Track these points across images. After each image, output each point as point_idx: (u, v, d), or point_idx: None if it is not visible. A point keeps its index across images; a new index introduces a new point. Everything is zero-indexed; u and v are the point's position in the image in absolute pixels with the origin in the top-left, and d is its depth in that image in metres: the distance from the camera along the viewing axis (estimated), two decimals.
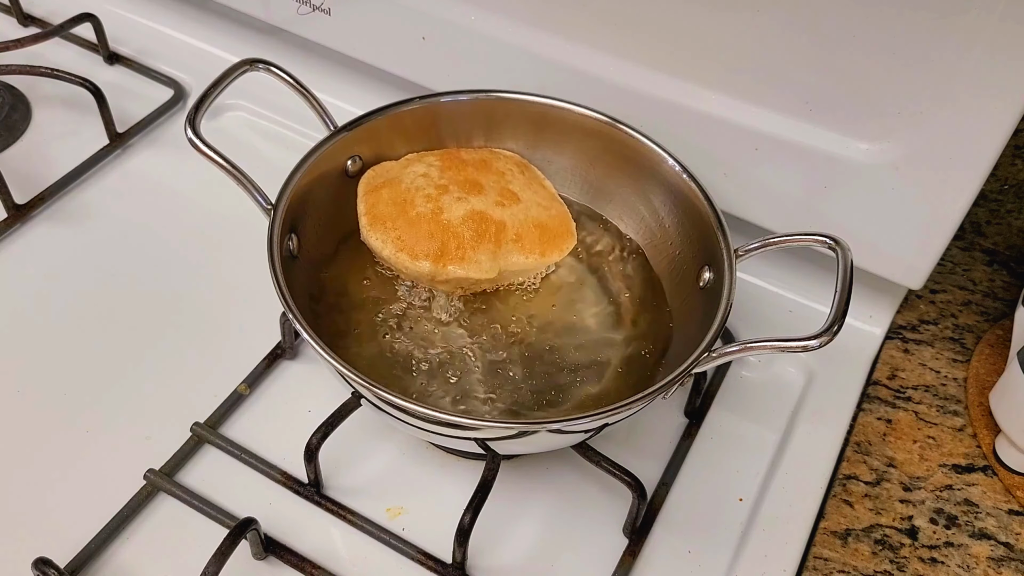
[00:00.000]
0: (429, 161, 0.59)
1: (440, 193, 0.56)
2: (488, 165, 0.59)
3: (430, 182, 0.57)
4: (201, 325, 0.61)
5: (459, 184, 0.57)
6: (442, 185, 0.56)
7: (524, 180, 0.59)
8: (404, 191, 0.56)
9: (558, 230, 0.58)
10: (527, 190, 0.58)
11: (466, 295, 0.58)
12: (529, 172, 0.61)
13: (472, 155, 0.60)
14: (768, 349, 0.47)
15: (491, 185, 0.57)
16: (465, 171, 0.58)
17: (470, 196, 0.56)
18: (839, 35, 0.51)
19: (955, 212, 0.54)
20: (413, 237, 0.54)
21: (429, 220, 0.55)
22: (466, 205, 0.55)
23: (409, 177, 0.57)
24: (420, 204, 0.55)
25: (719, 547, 0.53)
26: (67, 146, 0.71)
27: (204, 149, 0.51)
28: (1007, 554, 0.53)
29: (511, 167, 0.60)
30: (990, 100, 0.49)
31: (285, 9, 0.71)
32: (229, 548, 0.46)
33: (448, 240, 0.54)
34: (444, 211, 0.55)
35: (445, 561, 0.50)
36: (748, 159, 0.59)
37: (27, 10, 0.82)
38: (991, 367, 0.62)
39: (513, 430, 0.46)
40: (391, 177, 0.58)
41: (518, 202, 0.57)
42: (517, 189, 0.58)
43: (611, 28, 0.59)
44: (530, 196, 0.58)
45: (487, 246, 0.55)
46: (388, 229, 0.55)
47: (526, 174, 0.60)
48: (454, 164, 0.58)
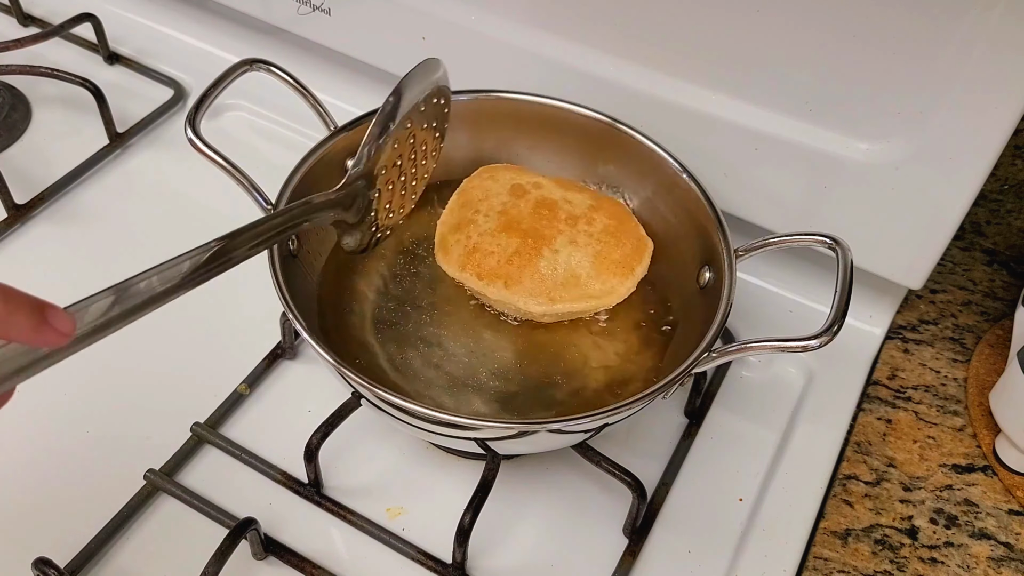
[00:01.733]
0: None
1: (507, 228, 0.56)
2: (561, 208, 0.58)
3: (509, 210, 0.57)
4: (201, 325, 0.61)
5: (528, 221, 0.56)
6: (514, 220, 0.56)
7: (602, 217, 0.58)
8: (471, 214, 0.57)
9: (618, 270, 0.56)
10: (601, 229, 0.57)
11: (476, 300, 0.58)
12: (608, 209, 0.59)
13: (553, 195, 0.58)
14: (768, 349, 0.47)
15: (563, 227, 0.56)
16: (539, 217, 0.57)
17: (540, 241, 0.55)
18: (839, 35, 0.51)
19: (955, 212, 0.54)
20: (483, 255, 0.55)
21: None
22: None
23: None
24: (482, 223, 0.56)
25: (719, 547, 0.53)
26: (67, 146, 0.71)
27: (204, 149, 0.51)
28: (1007, 554, 0.53)
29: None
30: (990, 100, 0.49)
31: (285, 9, 0.71)
32: (229, 548, 0.46)
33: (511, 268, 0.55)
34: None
35: (445, 561, 0.50)
36: (748, 159, 0.59)
37: (27, 10, 0.82)
38: (991, 367, 0.62)
39: (513, 430, 0.46)
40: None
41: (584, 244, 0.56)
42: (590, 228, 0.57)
43: (611, 28, 0.59)
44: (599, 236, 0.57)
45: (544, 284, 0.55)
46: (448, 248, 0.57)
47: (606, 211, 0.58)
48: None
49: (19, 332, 0.33)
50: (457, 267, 0.56)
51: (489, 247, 0.55)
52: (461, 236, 0.56)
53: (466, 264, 0.55)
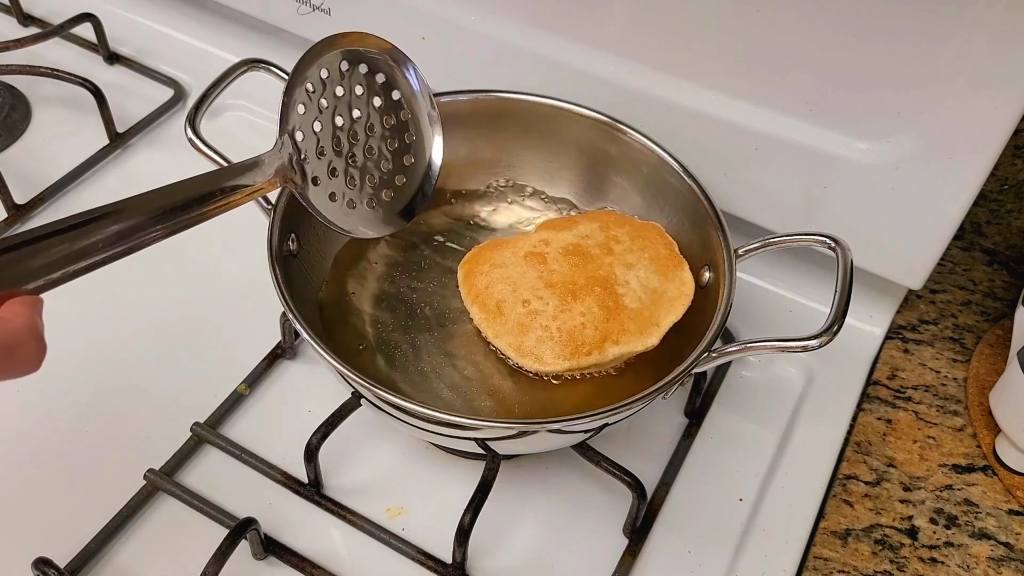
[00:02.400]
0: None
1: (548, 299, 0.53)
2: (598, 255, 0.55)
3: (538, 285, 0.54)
4: (201, 325, 0.61)
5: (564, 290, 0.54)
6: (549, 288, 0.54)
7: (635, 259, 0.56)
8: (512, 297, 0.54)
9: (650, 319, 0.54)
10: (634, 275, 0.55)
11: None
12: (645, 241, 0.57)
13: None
14: (768, 349, 0.47)
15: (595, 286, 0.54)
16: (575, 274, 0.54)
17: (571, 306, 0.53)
18: (839, 35, 0.51)
19: (955, 212, 0.54)
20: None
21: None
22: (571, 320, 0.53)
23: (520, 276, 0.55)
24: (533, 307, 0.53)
25: (719, 547, 0.53)
26: (67, 146, 0.71)
27: (204, 149, 0.51)
28: (1007, 554, 0.53)
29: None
30: (990, 100, 0.49)
31: (285, 9, 0.71)
32: (229, 548, 0.46)
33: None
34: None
35: (445, 561, 0.50)
36: (748, 159, 0.59)
37: (27, 10, 0.82)
38: (991, 367, 0.62)
39: (513, 430, 0.46)
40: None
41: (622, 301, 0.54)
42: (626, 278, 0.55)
43: (611, 28, 0.59)
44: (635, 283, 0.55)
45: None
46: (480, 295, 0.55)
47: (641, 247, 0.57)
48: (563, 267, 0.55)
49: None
50: (564, 360, 0.52)
51: (575, 322, 0.52)
52: (539, 333, 0.52)
53: (571, 353, 0.52)
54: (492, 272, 0.55)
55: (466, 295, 0.56)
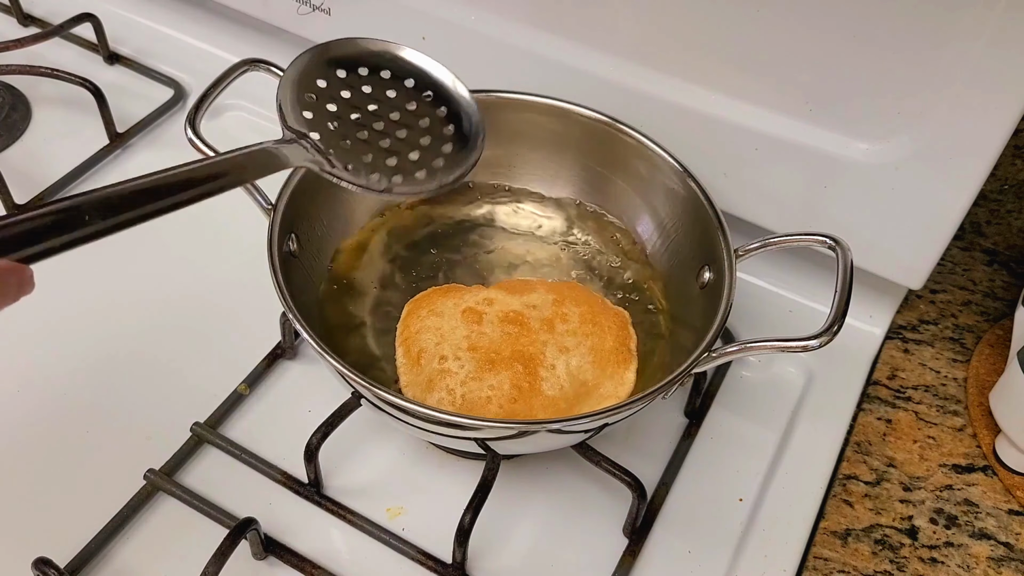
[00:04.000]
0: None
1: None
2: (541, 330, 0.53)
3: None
4: (201, 325, 0.61)
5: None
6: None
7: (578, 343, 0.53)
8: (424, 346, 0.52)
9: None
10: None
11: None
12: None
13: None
14: (768, 349, 0.47)
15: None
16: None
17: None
18: (839, 35, 0.51)
19: (955, 212, 0.54)
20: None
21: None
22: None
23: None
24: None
25: (719, 547, 0.53)
26: (67, 146, 0.71)
27: (204, 149, 0.51)
28: (1007, 554, 0.53)
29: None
30: (990, 100, 0.49)
31: (285, 9, 0.71)
32: (229, 548, 0.46)
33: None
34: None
35: (445, 561, 0.50)
36: (748, 159, 0.59)
37: (27, 10, 0.82)
38: (991, 367, 0.62)
39: (513, 430, 0.46)
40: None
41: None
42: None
43: (611, 28, 0.59)
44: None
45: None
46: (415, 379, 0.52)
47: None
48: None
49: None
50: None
51: (480, 394, 0.49)
52: (442, 394, 0.50)
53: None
54: (427, 319, 0.53)
55: (398, 335, 0.55)
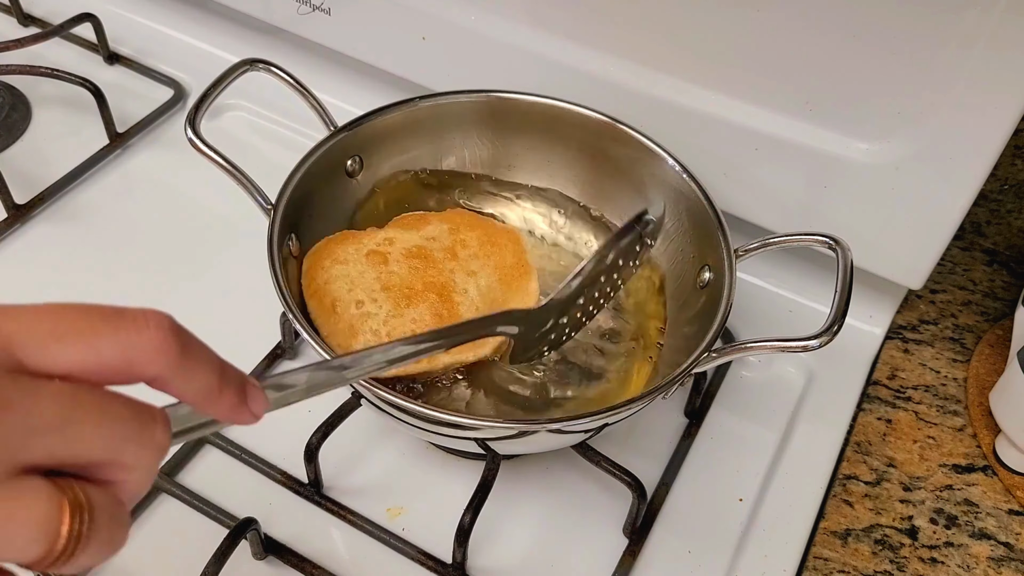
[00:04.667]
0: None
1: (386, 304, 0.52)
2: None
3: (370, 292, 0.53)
4: (201, 325, 0.60)
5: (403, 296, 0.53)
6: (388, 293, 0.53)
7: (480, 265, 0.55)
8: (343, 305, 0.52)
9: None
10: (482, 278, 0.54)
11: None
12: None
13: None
14: (768, 349, 0.47)
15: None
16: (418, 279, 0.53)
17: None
18: (839, 35, 0.51)
19: (955, 212, 0.54)
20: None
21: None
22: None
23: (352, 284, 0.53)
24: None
25: (719, 547, 0.53)
26: (67, 146, 0.71)
27: (204, 149, 0.51)
28: (1007, 554, 0.53)
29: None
30: (990, 100, 0.49)
31: (285, 9, 0.71)
32: (229, 548, 0.46)
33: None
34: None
35: (445, 561, 0.50)
36: (748, 159, 0.59)
37: (27, 10, 0.82)
38: (991, 367, 0.62)
39: (513, 430, 0.46)
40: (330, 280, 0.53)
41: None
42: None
43: (611, 28, 0.59)
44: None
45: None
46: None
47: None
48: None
49: (219, 409, 0.32)
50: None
51: (404, 328, 0.51)
52: (367, 337, 0.51)
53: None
54: (332, 268, 0.54)
55: (305, 288, 0.54)
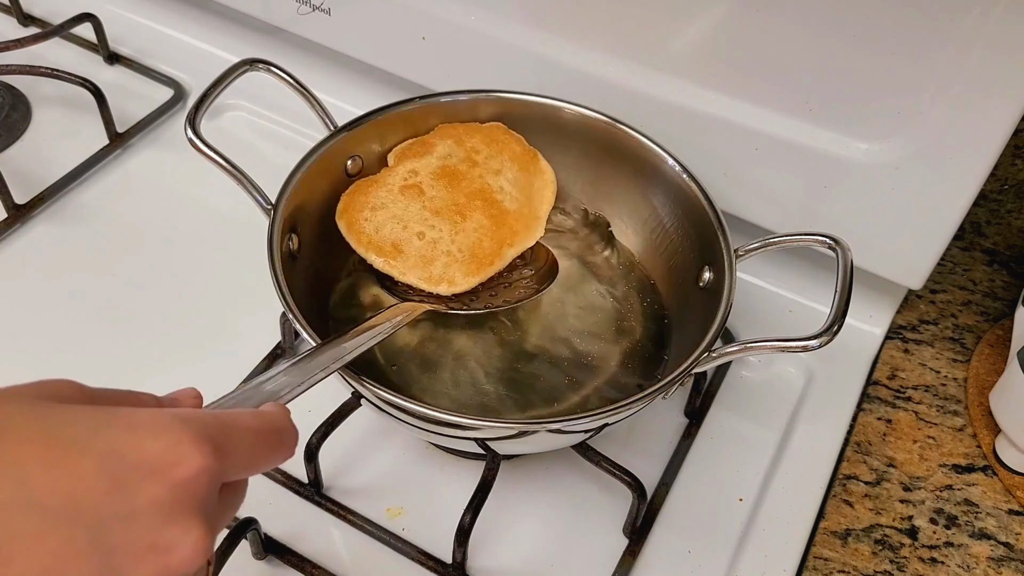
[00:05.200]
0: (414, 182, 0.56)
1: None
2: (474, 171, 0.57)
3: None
4: (201, 325, 0.61)
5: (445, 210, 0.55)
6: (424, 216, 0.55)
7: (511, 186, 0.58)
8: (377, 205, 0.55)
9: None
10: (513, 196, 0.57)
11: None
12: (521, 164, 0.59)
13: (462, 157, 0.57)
14: (768, 349, 0.47)
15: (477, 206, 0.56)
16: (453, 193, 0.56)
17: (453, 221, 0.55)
18: (839, 35, 0.51)
19: (955, 212, 0.54)
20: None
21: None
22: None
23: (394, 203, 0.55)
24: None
25: (719, 547, 0.53)
26: (67, 146, 0.71)
27: (204, 149, 0.51)
28: (1007, 554, 0.53)
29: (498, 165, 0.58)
30: (990, 100, 0.49)
31: (285, 9, 0.71)
32: (229, 548, 0.46)
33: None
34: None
35: (445, 561, 0.50)
36: (748, 159, 0.59)
37: (27, 10, 0.82)
38: (991, 367, 0.62)
39: (513, 430, 0.46)
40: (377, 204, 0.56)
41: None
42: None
43: (611, 28, 0.59)
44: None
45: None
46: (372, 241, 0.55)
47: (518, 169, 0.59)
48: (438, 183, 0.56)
49: (256, 462, 0.32)
50: (473, 276, 0.54)
51: (471, 238, 0.54)
52: (444, 259, 0.54)
53: (476, 268, 0.54)
54: (375, 215, 0.55)
55: (357, 244, 0.55)
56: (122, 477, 0.26)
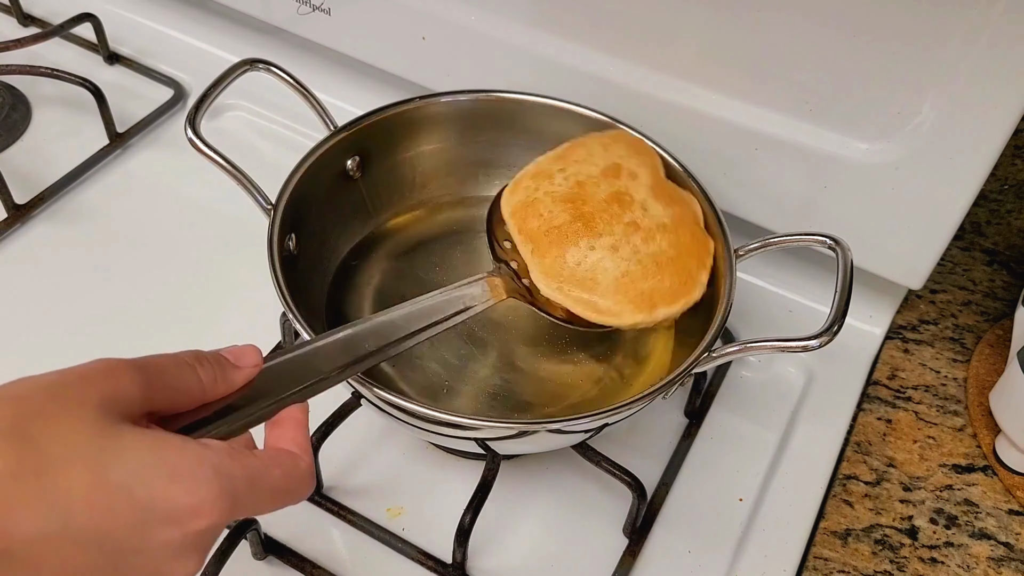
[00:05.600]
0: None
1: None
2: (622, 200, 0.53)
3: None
4: (201, 325, 0.61)
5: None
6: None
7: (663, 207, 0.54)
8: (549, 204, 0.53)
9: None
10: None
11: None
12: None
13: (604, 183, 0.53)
14: (768, 349, 0.47)
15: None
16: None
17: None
18: (839, 34, 0.51)
19: (955, 212, 0.54)
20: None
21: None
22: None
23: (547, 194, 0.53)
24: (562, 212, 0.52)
25: (719, 547, 0.53)
26: (67, 146, 0.71)
27: (204, 149, 0.51)
28: (1007, 554, 0.53)
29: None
30: (990, 100, 0.49)
31: (285, 9, 0.71)
32: (229, 548, 0.46)
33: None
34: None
35: (445, 561, 0.50)
36: (748, 159, 0.59)
37: (27, 10, 0.82)
38: (991, 367, 0.62)
39: (513, 430, 0.46)
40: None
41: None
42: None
43: (611, 28, 0.59)
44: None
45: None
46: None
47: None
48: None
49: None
50: (509, 211, 0.54)
51: (541, 209, 0.52)
52: (532, 184, 0.54)
53: (516, 212, 0.53)
54: (580, 149, 0.55)
55: (534, 246, 0.53)
56: (148, 521, 0.29)
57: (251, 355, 0.37)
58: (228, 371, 0.36)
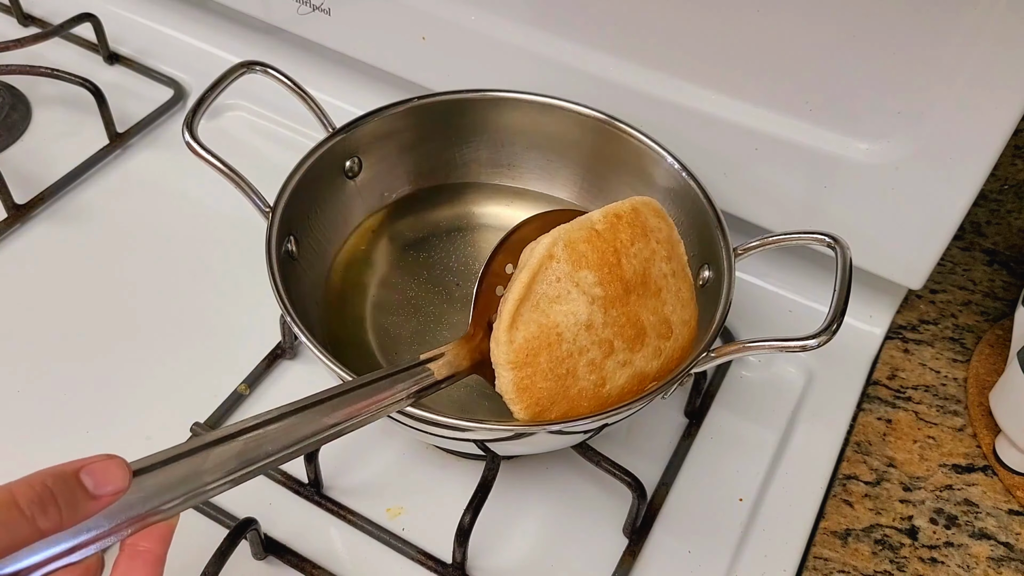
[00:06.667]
0: (590, 289, 0.44)
1: (604, 356, 0.45)
2: (648, 277, 0.47)
3: (593, 336, 0.45)
4: (201, 325, 0.61)
5: (623, 334, 0.46)
6: (606, 340, 0.45)
7: (675, 285, 0.49)
8: (566, 356, 0.44)
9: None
10: (677, 305, 0.49)
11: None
12: (676, 257, 0.50)
13: (632, 261, 0.46)
14: (767, 349, 0.47)
15: (652, 321, 0.47)
16: (629, 303, 0.46)
17: (634, 353, 0.46)
18: (839, 34, 0.51)
19: (955, 212, 0.54)
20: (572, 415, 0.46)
21: (590, 396, 0.46)
22: (629, 371, 0.47)
23: (569, 329, 0.44)
24: (583, 376, 0.45)
25: (719, 547, 0.53)
26: (67, 146, 0.71)
27: (202, 153, 0.51)
28: (1007, 554, 0.53)
29: (664, 264, 0.48)
30: (990, 99, 0.49)
31: (285, 9, 0.71)
32: (229, 548, 0.46)
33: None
34: (607, 383, 0.46)
35: (445, 561, 0.50)
36: (748, 159, 0.59)
37: (27, 10, 0.82)
38: (991, 367, 0.62)
39: (510, 431, 0.46)
40: (548, 325, 0.44)
41: (670, 337, 0.48)
42: (671, 313, 0.48)
43: (611, 28, 0.59)
44: (679, 319, 0.49)
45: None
46: (547, 413, 0.45)
47: (674, 263, 0.50)
48: (616, 291, 0.45)
49: (52, 522, 0.29)
50: (512, 358, 0.44)
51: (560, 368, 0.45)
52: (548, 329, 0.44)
53: (522, 363, 0.44)
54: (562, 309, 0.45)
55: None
56: None
57: (115, 478, 0.31)
58: (81, 504, 0.30)
